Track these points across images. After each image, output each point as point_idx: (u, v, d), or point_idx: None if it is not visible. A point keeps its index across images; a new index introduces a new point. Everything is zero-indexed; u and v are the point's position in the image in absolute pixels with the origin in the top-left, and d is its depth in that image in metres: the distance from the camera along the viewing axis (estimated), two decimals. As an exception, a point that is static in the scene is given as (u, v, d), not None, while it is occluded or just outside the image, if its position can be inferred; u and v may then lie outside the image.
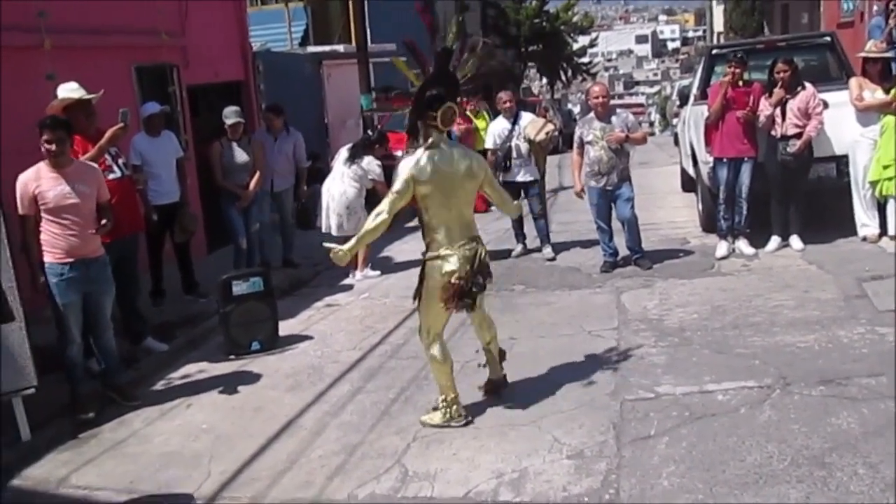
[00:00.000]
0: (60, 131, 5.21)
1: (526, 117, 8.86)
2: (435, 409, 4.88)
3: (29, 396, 5.03)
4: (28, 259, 5.21)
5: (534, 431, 4.62)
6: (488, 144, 8.68)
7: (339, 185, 8.48)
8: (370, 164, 8.47)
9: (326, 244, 4.88)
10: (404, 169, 4.66)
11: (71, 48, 7.48)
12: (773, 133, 7.82)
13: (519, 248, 8.96)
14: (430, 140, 4.68)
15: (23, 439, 4.98)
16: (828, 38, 9.74)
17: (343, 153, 8.67)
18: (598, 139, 7.74)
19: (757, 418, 4.48)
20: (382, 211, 4.68)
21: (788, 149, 7.73)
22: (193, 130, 9.81)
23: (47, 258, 5.23)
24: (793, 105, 7.73)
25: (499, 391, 5.16)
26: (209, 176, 8.31)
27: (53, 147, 5.15)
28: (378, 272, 8.74)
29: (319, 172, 8.71)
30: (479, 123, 11.37)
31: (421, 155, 4.67)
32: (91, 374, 5.74)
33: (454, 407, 4.80)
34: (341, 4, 15.92)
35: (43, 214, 5.20)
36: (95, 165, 5.61)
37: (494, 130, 8.79)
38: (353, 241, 4.83)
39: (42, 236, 5.23)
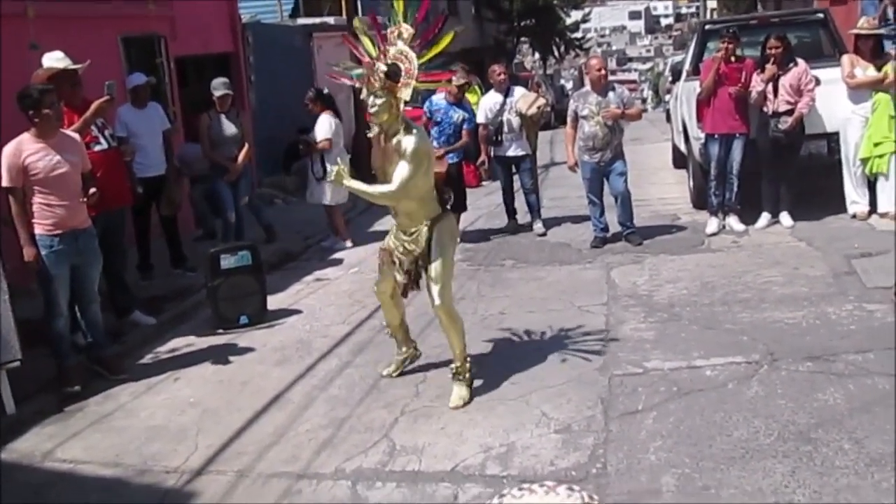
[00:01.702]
0: (54, 97, 5.16)
1: (518, 91, 8.80)
2: (457, 381, 4.78)
3: (14, 370, 4.99)
4: (22, 231, 5.12)
5: (522, 406, 4.62)
6: (480, 118, 8.62)
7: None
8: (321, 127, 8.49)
9: (335, 167, 4.75)
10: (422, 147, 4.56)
11: (56, 17, 7.37)
12: (764, 110, 7.79)
13: (509, 223, 8.93)
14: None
15: (7, 413, 4.95)
16: (821, 15, 9.70)
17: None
18: (593, 114, 7.68)
19: (744, 394, 4.49)
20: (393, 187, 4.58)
21: (780, 125, 7.70)
22: (181, 102, 9.70)
23: (37, 230, 5.17)
24: (785, 81, 7.70)
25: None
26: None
27: (51, 112, 5.08)
28: (350, 244, 8.75)
29: (307, 146, 8.63)
30: (471, 97, 11.27)
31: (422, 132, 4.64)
32: (77, 348, 5.69)
33: (468, 365, 4.80)
34: (332, -24, 15.77)
35: (33, 186, 5.13)
36: (77, 136, 5.53)
37: (486, 104, 8.73)
38: (361, 186, 4.74)
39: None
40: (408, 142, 4.50)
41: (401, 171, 4.52)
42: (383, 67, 4.48)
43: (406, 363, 5.28)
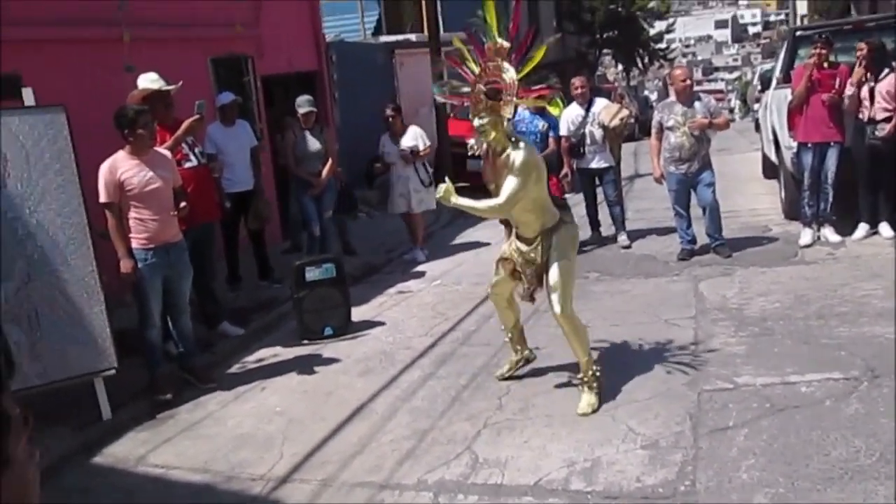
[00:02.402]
0: (149, 118, 5.37)
1: (599, 103, 8.69)
2: (585, 389, 4.73)
3: (110, 377, 5.17)
4: (119, 245, 5.29)
5: (607, 421, 4.52)
6: (562, 131, 8.55)
7: (399, 167, 8.74)
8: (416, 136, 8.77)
9: (442, 186, 4.77)
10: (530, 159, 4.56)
11: (149, 40, 7.65)
12: (860, 117, 7.50)
13: (593, 235, 8.82)
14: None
15: (104, 418, 5.13)
16: (921, 17, 9.29)
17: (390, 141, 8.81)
18: (679, 125, 7.53)
19: (843, 411, 4.29)
20: (500, 201, 4.60)
21: (877, 132, 7.39)
22: (268, 119, 9.94)
23: (132, 244, 5.35)
24: (881, 88, 7.40)
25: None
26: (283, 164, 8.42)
27: (145, 132, 5.28)
28: (425, 258, 8.86)
29: (385, 166, 8.82)
30: (553, 110, 11.18)
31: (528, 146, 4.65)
32: (169, 357, 5.86)
33: (595, 372, 4.74)
34: (414, -7, 15.95)
35: (128, 202, 5.32)
36: (167, 152, 5.72)
37: (568, 117, 8.65)
38: (469, 203, 4.75)
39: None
40: (516, 155, 4.53)
41: (509, 184, 4.54)
42: (483, 88, 4.53)
43: (520, 365, 5.30)
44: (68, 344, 5.00)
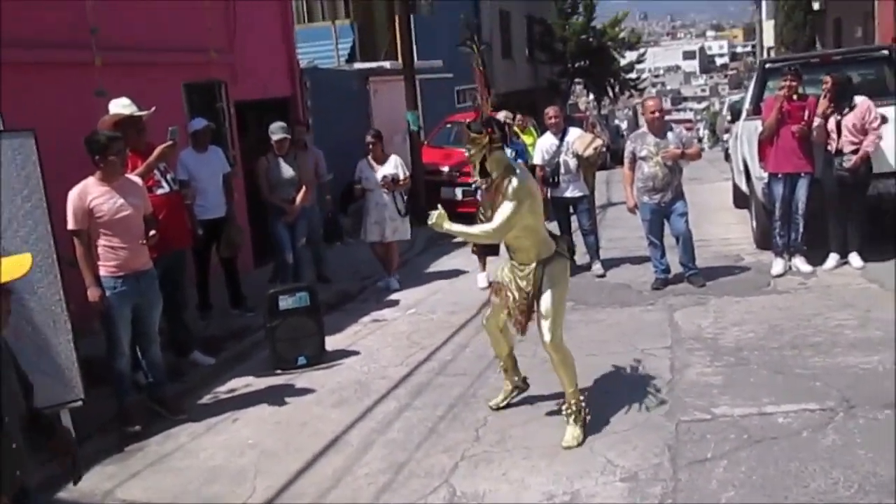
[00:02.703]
0: (121, 145, 5.29)
1: (573, 132, 8.74)
2: (571, 421, 4.68)
3: (76, 409, 5.02)
4: (87, 273, 5.20)
5: (586, 453, 4.48)
6: (536, 160, 8.57)
7: (377, 195, 8.65)
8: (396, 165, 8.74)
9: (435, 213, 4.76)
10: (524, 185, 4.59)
11: (122, 65, 7.57)
12: (828, 149, 7.61)
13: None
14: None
15: (70, 452, 4.98)
16: (885, 52, 9.48)
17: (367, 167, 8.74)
18: (652, 155, 7.59)
19: (820, 442, 4.30)
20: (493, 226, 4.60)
21: (844, 164, 7.50)
22: (241, 146, 9.87)
23: (101, 271, 5.25)
24: (847, 122, 7.52)
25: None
26: (257, 191, 8.35)
27: (116, 159, 5.20)
28: (399, 286, 8.82)
29: (363, 191, 8.76)
30: (527, 139, 11.26)
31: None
32: (138, 388, 5.74)
33: (581, 405, 4.71)
34: (388, 21, 15.99)
35: (97, 229, 5.22)
36: (138, 179, 5.63)
37: (542, 146, 8.69)
38: (462, 228, 4.79)
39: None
40: (509, 182, 4.55)
41: (502, 209, 4.55)
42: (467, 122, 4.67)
43: (514, 395, 5.27)
44: (34, 374, 4.83)
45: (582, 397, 4.76)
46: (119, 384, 5.41)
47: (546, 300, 4.65)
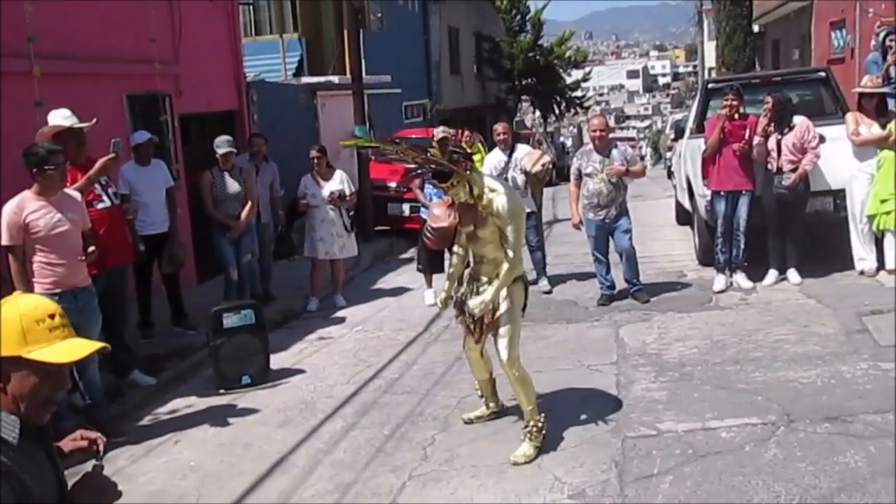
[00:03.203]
0: (61, 158, 5.14)
1: (521, 149, 8.80)
2: (528, 438, 4.65)
3: (10, 431, 4.85)
4: (23, 290, 5.04)
5: (534, 470, 4.48)
6: (484, 176, 8.59)
7: (323, 211, 8.52)
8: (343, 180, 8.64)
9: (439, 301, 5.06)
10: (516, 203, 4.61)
11: (62, 75, 7.38)
12: (769, 167, 7.79)
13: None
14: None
15: (3, 476, 4.80)
16: (822, 74, 9.77)
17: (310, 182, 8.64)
18: (597, 171, 7.68)
19: (762, 456, 4.36)
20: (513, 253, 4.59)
21: (784, 182, 7.69)
22: (185, 159, 9.71)
23: (36, 288, 5.09)
24: (787, 141, 7.72)
25: None
26: (200, 205, 8.20)
27: (55, 172, 5.05)
28: (344, 303, 8.72)
29: (307, 206, 8.66)
30: (475, 155, 11.31)
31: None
32: (74, 409, 5.56)
33: (540, 424, 4.68)
34: (336, 36, 15.93)
35: (33, 245, 5.06)
36: (77, 194, 5.49)
37: (490, 162, 8.73)
38: (497, 285, 4.62)
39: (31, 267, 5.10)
40: (500, 201, 4.50)
41: (511, 233, 4.52)
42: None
43: (490, 417, 5.26)
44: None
45: (541, 416, 4.72)
46: (55, 405, 5.22)
47: (505, 319, 4.65)
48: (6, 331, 1.96)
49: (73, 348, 2.03)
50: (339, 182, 8.60)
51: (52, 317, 2.02)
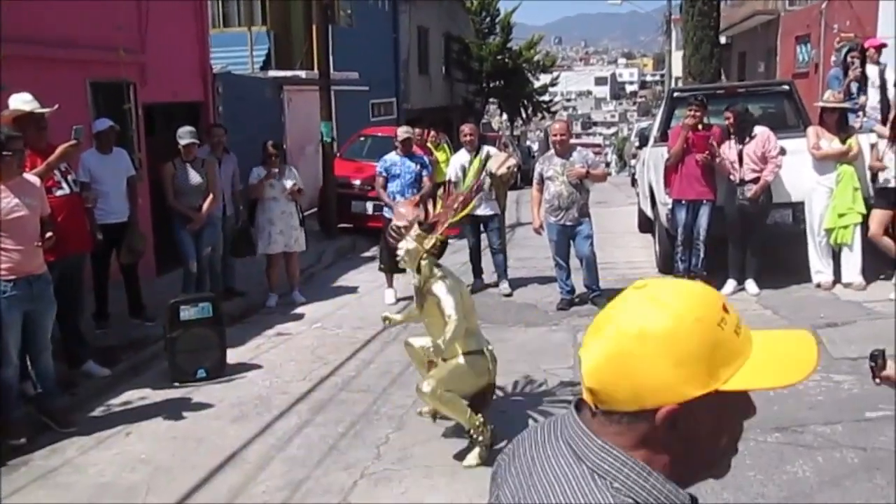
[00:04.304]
0: (21, 144, 5.04)
1: (488, 151, 8.82)
2: (476, 444, 4.66)
3: (-44, 420, 4.76)
4: None
5: (485, 471, 4.44)
6: (450, 176, 8.59)
7: (283, 203, 8.45)
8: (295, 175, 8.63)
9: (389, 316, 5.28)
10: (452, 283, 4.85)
11: (24, 58, 7.25)
12: (731, 178, 7.90)
13: (475, 282, 8.87)
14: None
15: (-54, 465, 4.70)
16: (786, 87, 9.93)
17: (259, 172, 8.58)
18: (558, 174, 7.74)
19: (713, 464, 4.41)
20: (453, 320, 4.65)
21: (746, 193, 7.80)
22: (149, 150, 9.58)
23: (-10, 275, 4.98)
24: (749, 151, 7.83)
25: None
26: (162, 196, 8.10)
27: (13, 157, 4.96)
28: (303, 299, 8.67)
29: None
30: (440, 156, 11.32)
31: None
32: (25, 398, 5.45)
33: (485, 431, 4.67)
34: (305, 30, 15.84)
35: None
36: (36, 179, 5.39)
37: (456, 163, 8.74)
38: (445, 339, 4.63)
39: None
40: (438, 282, 4.77)
41: (446, 302, 4.67)
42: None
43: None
44: None
45: (479, 420, 4.71)
46: (4, 394, 5.12)
47: (448, 366, 4.70)
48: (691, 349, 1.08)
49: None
50: (293, 176, 8.57)
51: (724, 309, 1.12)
